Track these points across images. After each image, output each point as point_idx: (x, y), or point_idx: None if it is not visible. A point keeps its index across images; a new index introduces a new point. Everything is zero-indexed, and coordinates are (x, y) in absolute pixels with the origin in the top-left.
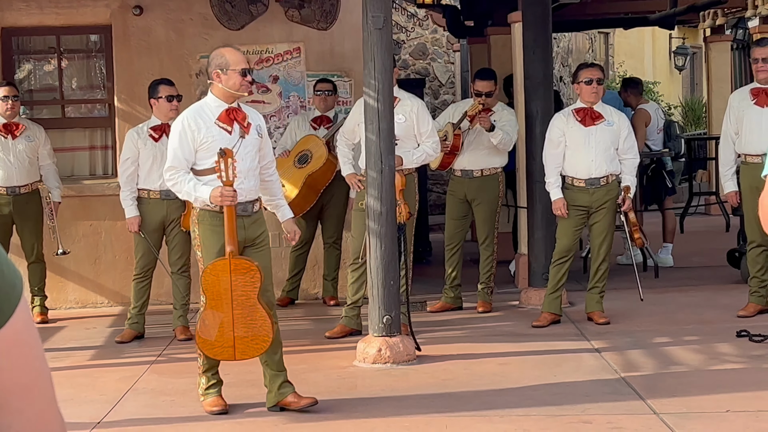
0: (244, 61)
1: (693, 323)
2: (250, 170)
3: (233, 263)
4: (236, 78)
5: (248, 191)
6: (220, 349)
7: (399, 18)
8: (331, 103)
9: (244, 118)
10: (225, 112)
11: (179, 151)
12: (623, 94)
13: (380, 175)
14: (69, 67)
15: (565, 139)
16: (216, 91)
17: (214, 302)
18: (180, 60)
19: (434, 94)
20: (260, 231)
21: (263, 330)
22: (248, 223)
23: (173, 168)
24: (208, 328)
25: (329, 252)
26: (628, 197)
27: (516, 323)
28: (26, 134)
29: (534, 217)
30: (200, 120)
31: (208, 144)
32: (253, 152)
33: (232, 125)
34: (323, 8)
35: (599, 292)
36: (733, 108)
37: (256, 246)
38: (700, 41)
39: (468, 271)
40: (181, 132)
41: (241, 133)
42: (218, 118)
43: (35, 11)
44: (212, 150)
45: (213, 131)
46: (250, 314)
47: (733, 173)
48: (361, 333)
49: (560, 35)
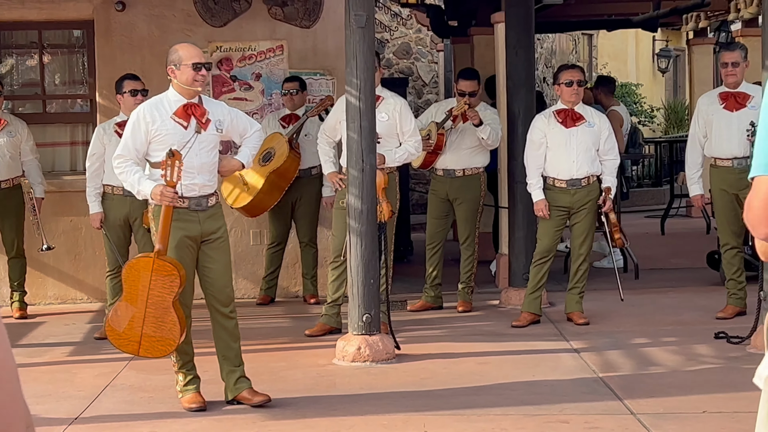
0: (198, 56)
1: (671, 324)
2: (205, 165)
3: (156, 263)
4: (188, 72)
5: (202, 186)
6: (126, 341)
7: (383, 17)
8: (299, 102)
9: (203, 114)
10: (182, 107)
11: (130, 141)
12: (595, 91)
13: (361, 173)
14: (51, 63)
15: (546, 140)
16: (174, 86)
17: (130, 296)
18: (162, 56)
19: (417, 94)
20: (217, 226)
21: (171, 334)
22: (203, 217)
23: (121, 156)
24: (119, 319)
25: (305, 251)
26: (609, 198)
27: (496, 323)
28: (8, 129)
29: (515, 217)
30: (156, 113)
31: (161, 137)
32: (208, 147)
33: (189, 120)
34: (306, 6)
35: (579, 292)
36: (701, 111)
37: (212, 241)
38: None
39: (449, 270)
40: (135, 123)
41: (197, 129)
42: (174, 113)
43: (17, 5)
44: (165, 144)
45: (168, 125)
46: (162, 316)
47: (699, 176)
48: (341, 331)
49: (544, 36)
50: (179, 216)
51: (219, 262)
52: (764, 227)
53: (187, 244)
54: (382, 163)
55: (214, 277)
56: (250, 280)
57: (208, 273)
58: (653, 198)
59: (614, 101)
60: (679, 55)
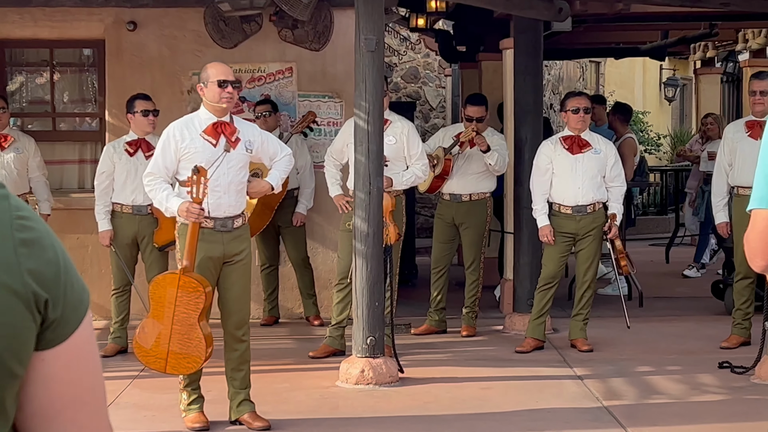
0: (225, 73)
1: (676, 353)
2: (232, 185)
3: (182, 280)
4: (215, 90)
5: (228, 206)
6: (153, 358)
7: (392, 41)
8: (273, 123)
9: (232, 133)
10: (212, 125)
11: (160, 159)
12: (611, 117)
13: (368, 196)
14: (61, 81)
15: (552, 166)
16: (205, 104)
17: (156, 313)
18: (172, 76)
19: (425, 118)
20: (241, 248)
21: (197, 351)
22: (228, 238)
23: (151, 174)
24: (146, 336)
25: (300, 272)
26: (614, 225)
27: (499, 348)
28: (15, 146)
29: (520, 243)
30: (186, 131)
31: (190, 155)
32: (237, 167)
33: (218, 138)
34: (316, 29)
35: (583, 319)
36: (727, 140)
37: (234, 263)
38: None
39: (453, 294)
40: (166, 140)
41: (226, 147)
42: (204, 131)
43: (29, 24)
44: (194, 161)
45: (197, 143)
46: (188, 333)
47: (725, 204)
48: (344, 353)
49: (551, 63)
50: (203, 236)
51: (238, 284)
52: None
53: (208, 265)
54: (389, 186)
55: (232, 298)
56: (255, 300)
57: (225, 294)
58: (658, 226)
59: (628, 129)
60: (686, 84)
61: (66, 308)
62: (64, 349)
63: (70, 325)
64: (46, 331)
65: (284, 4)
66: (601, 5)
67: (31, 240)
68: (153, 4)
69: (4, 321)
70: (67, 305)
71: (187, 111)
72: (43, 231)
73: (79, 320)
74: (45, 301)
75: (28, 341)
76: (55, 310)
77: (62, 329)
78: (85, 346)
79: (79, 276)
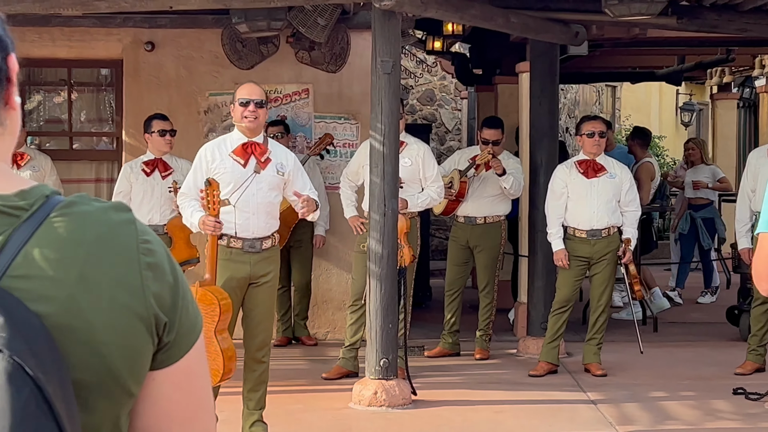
0: (248, 92)
1: (690, 379)
2: (261, 206)
3: (199, 292)
4: (238, 109)
5: (257, 227)
6: None
7: (408, 63)
8: (284, 145)
9: (262, 153)
10: (241, 146)
11: (191, 179)
12: (630, 142)
13: (383, 218)
14: (79, 100)
15: (567, 190)
16: (236, 125)
17: None
18: (189, 97)
19: (440, 140)
20: (268, 270)
21: (215, 364)
22: (255, 259)
23: (183, 194)
24: None
25: (301, 295)
26: (628, 249)
27: (513, 371)
28: (31, 164)
29: (535, 266)
30: (217, 151)
31: (220, 175)
32: (266, 188)
33: (247, 159)
34: (333, 51)
35: (597, 343)
36: (750, 165)
37: (260, 284)
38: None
39: (467, 317)
40: (198, 161)
41: (256, 168)
42: (233, 151)
43: (48, 43)
44: (224, 181)
45: (226, 163)
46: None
47: (748, 230)
48: (357, 375)
49: (567, 87)
50: (230, 256)
51: (262, 306)
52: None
53: (233, 285)
54: (404, 207)
55: (255, 319)
56: None
57: (249, 314)
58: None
59: (647, 154)
60: (702, 109)
61: (180, 332)
62: (174, 370)
63: (182, 349)
64: (159, 353)
65: (301, 26)
66: (617, 30)
67: (155, 264)
68: (171, 24)
69: (127, 343)
70: (181, 329)
71: (204, 131)
72: (164, 255)
73: (191, 344)
74: (164, 324)
75: (146, 362)
76: (170, 333)
77: (174, 352)
78: (194, 369)
79: (194, 301)
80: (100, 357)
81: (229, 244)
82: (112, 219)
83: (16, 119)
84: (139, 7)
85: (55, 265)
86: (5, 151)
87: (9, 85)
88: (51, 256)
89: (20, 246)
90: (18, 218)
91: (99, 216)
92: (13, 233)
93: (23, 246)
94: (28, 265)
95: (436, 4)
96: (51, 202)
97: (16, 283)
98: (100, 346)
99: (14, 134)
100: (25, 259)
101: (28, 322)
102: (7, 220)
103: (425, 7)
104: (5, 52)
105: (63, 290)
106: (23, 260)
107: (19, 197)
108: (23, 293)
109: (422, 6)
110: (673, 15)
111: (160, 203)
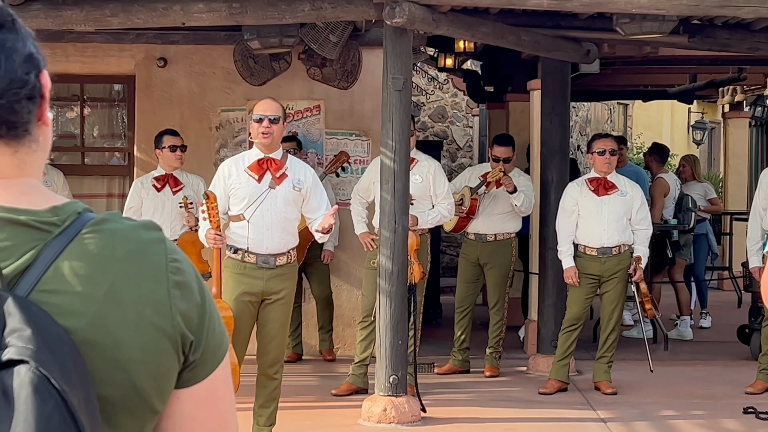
0: (262, 108)
1: (700, 398)
2: (275, 222)
3: None
4: (254, 126)
5: (271, 243)
6: None
7: (420, 80)
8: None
9: (278, 169)
10: (257, 161)
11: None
12: (647, 157)
13: (393, 234)
14: (91, 115)
15: (578, 207)
16: (254, 142)
17: None
18: (201, 112)
19: (452, 157)
20: (281, 287)
21: None
22: (269, 275)
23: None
24: None
25: (323, 307)
26: (639, 268)
27: (523, 389)
28: (44, 179)
29: (545, 284)
30: (234, 167)
31: (236, 191)
32: (281, 204)
33: (262, 174)
34: (345, 68)
35: (607, 361)
36: (763, 184)
37: (273, 301)
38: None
39: (477, 334)
40: (216, 178)
41: (271, 184)
42: (248, 167)
43: (61, 59)
44: (240, 197)
45: (242, 178)
46: None
47: (759, 249)
48: (367, 392)
49: (579, 104)
50: (244, 271)
51: (275, 323)
52: None
53: (246, 300)
54: (414, 224)
55: (268, 336)
56: None
57: (262, 330)
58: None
59: (663, 170)
60: (714, 128)
61: (206, 351)
62: (199, 389)
63: (207, 368)
64: (184, 371)
65: (313, 42)
66: (628, 48)
67: (183, 283)
68: (183, 41)
69: (153, 360)
70: (207, 348)
71: (215, 147)
72: (192, 274)
73: (217, 363)
74: (190, 342)
75: (171, 380)
76: (196, 352)
77: (199, 370)
78: (219, 388)
79: (221, 321)
80: (125, 373)
81: (243, 259)
82: (142, 237)
83: (48, 135)
84: (151, 23)
85: (85, 281)
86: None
87: (42, 101)
88: (81, 272)
89: (51, 261)
90: (50, 233)
91: (129, 234)
92: (44, 248)
93: (54, 261)
94: (58, 280)
95: (448, 21)
96: (83, 218)
97: (45, 297)
98: (126, 363)
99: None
100: (56, 273)
101: (56, 336)
102: (39, 235)
103: (436, 24)
104: (38, 69)
105: (91, 306)
106: (53, 275)
107: (52, 213)
108: (52, 307)
109: (433, 23)
110: (685, 33)
111: (171, 218)
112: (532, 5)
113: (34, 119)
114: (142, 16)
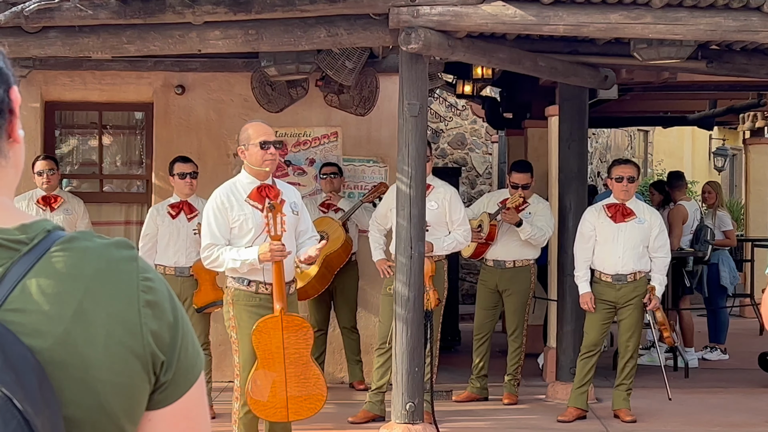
0: (266, 133)
1: (720, 425)
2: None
3: (285, 320)
4: (257, 152)
5: (286, 271)
6: (272, 410)
7: (439, 108)
8: (337, 185)
9: (276, 195)
10: (256, 190)
11: (215, 228)
12: (668, 189)
13: (409, 260)
14: (110, 143)
15: (595, 233)
16: (246, 167)
17: (266, 361)
18: (219, 140)
19: (471, 184)
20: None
21: (317, 389)
22: None
23: (212, 245)
24: (260, 389)
25: (348, 336)
26: (655, 297)
27: (541, 417)
28: (64, 207)
29: (563, 311)
30: (232, 197)
31: (240, 223)
32: (288, 230)
33: (263, 203)
34: (362, 94)
35: (626, 389)
36: None
37: None
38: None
39: (496, 361)
40: (215, 209)
41: None
42: (249, 196)
43: (79, 87)
44: (245, 229)
45: (245, 209)
46: (304, 372)
47: None
48: (384, 419)
49: (600, 131)
50: (260, 302)
51: None
52: None
53: None
54: (430, 251)
55: None
56: None
57: None
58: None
59: (684, 197)
60: (735, 155)
61: (178, 372)
62: (171, 411)
63: (180, 389)
64: (156, 392)
65: (330, 69)
66: (647, 74)
67: (155, 302)
68: (201, 68)
69: (123, 381)
70: (179, 369)
71: (233, 174)
72: (165, 293)
73: (190, 385)
74: (161, 363)
75: (142, 401)
76: (168, 372)
77: (171, 392)
78: (192, 410)
79: (195, 341)
80: (94, 394)
81: (257, 291)
82: (112, 255)
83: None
84: (167, 50)
85: (52, 300)
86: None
87: (12, 117)
88: (48, 291)
89: (18, 279)
90: (18, 252)
91: (99, 252)
92: (11, 266)
93: (21, 279)
94: (24, 299)
95: (464, 47)
96: (52, 236)
97: (11, 317)
98: (95, 384)
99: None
100: (22, 292)
101: (20, 356)
102: (7, 253)
103: (452, 50)
104: (7, 84)
105: (58, 325)
106: (20, 294)
107: (20, 231)
108: (18, 327)
109: (449, 49)
110: (703, 59)
111: (186, 245)
112: (547, 31)
113: (3, 135)
114: (159, 43)
